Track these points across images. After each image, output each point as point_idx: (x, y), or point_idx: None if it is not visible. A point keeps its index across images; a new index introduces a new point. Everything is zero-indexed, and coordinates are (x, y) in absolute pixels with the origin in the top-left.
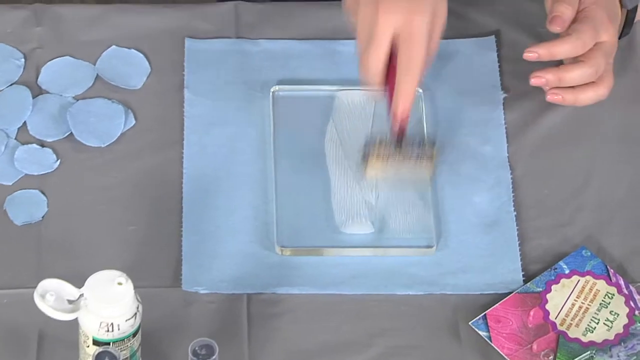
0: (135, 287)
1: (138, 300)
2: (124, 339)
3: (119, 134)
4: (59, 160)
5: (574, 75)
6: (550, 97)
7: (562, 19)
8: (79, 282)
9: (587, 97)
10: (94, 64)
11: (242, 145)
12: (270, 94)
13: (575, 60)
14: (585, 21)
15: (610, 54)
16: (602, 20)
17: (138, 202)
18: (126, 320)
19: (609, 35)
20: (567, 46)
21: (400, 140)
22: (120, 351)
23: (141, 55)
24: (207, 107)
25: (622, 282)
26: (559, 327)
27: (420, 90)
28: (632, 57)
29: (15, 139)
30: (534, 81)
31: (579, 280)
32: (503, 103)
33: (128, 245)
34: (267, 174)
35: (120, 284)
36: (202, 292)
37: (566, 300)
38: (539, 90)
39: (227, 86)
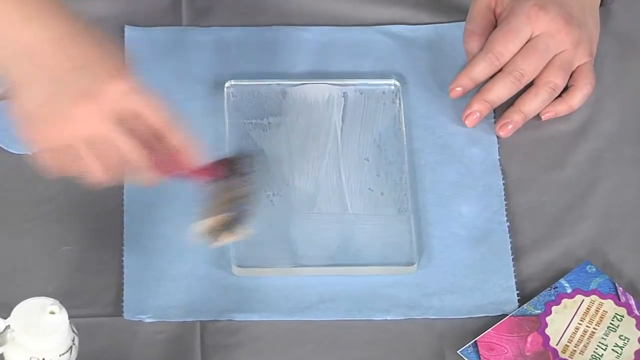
0: (70, 317)
1: (74, 332)
2: None
3: None
4: None
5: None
6: (503, 134)
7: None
8: (4, 312)
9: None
10: None
11: None
12: (225, 89)
13: (532, 83)
14: (501, 25)
15: (568, 63)
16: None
17: (72, 218)
18: (60, 355)
19: (564, 44)
20: (482, 64)
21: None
22: None
23: None
24: None
25: (632, 302)
26: (561, 355)
27: (397, 83)
28: (638, 43)
29: None
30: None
31: (583, 301)
32: None
33: (61, 268)
34: None
35: (52, 313)
36: (147, 320)
37: (569, 324)
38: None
39: (175, 81)
